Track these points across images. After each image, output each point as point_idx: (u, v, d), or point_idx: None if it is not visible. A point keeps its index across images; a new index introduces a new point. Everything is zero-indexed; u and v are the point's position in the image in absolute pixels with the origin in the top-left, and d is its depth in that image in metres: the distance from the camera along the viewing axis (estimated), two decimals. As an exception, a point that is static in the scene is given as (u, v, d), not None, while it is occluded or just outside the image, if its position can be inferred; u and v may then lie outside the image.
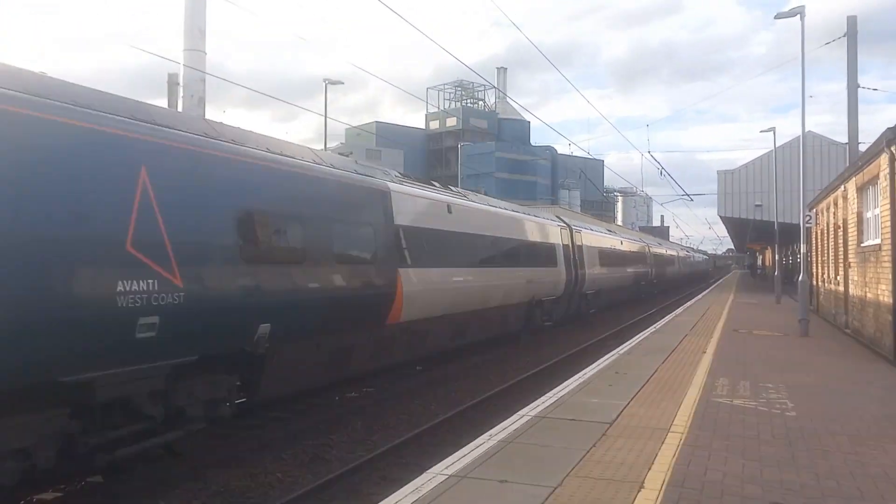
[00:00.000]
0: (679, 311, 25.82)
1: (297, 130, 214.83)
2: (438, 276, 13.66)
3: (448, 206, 14.90)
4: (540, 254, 20.57)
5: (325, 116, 33.37)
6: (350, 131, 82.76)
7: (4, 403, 5.94)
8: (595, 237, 28.41)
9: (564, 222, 24.64)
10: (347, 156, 14.35)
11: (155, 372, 7.22)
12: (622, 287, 33.40)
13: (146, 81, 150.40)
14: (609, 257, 29.89)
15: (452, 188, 17.73)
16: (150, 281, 6.91)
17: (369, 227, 11.54)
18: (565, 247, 23.09)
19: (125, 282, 6.65)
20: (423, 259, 13.01)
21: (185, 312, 7.31)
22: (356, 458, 8.84)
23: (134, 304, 6.71)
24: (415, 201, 13.44)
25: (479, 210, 16.89)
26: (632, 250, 36.92)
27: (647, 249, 42.71)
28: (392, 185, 12.73)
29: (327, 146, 36.96)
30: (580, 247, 25.04)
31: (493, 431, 7.18)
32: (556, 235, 22.56)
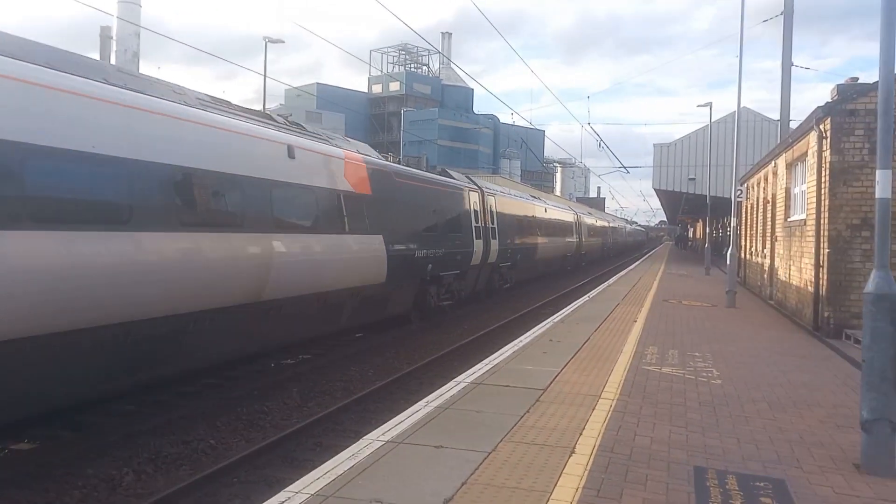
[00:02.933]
0: (612, 280, 26.39)
1: (236, 90, 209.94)
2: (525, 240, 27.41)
3: (545, 209, 31.28)
4: (565, 228, 35.86)
5: (265, 76, 32.64)
6: (290, 92, 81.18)
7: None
8: (590, 218, 46.45)
9: (574, 210, 41.73)
10: (287, 117, 14.59)
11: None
12: (597, 247, 49.45)
13: (77, 34, 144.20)
14: (592, 230, 45.86)
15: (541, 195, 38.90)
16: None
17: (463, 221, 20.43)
18: (574, 223, 38.78)
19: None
20: (510, 232, 24.28)
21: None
22: (291, 424, 8.82)
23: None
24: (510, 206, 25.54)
25: (555, 208, 35.14)
26: (599, 224, 53.04)
27: (608, 223, 60.25)
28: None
29: (266, 107, 36.14)
30: (582, 224, 41.20)
31: (429, 398, 7.25)
32: (571, 217, 38.00)
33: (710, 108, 34.84)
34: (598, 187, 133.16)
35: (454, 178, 20.12)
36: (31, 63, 6.98)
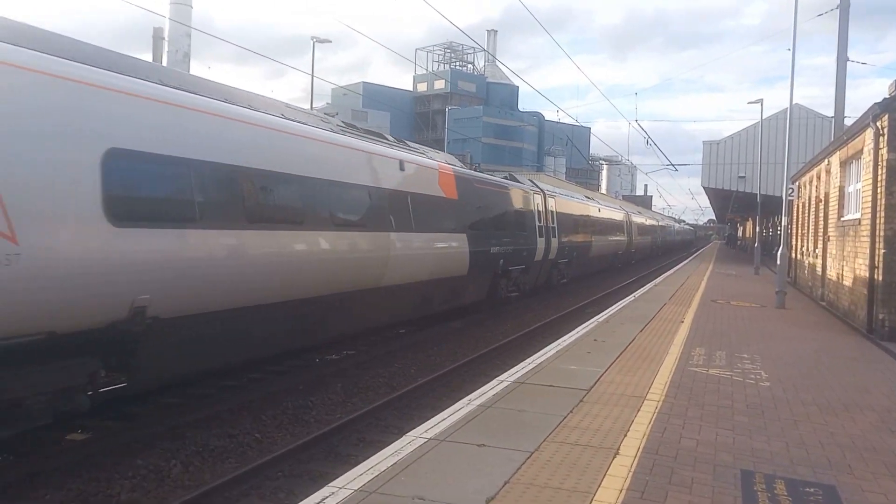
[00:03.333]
0: (659, 279, 26.03)
1: (284, 89, 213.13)
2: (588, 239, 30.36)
3: (598, 209, 32.99)
4: (617, 227, 38.15)
5: (312, 75, 33.00)
6: (336, 91, 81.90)
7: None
8: (639, 217, 49.56)
9: (625, 210, 44.35)
10: (334, 115, 15.19)
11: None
12: (646, 245, 52.46)
13: (132, 35, 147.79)
14: (641, 228, 48.88)
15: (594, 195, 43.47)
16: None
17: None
18: (625, 222, 41.14)
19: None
20: (567, 231, 25.80)
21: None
22: (335, 419, 8.91)
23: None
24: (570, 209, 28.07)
25: (608, 208, 36.92)
26: (648, 223, 55.68)
27: (657, 222, 63.77)
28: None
29: (313, 105, 36.57)
30: (632, 223, 43.46)
31: (472, 396, 7.25)
32: (622, 216, 40.45)
33: (762, 105, 34.13)
34: (645, 185, 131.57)
35: (519, 182, 22.30)
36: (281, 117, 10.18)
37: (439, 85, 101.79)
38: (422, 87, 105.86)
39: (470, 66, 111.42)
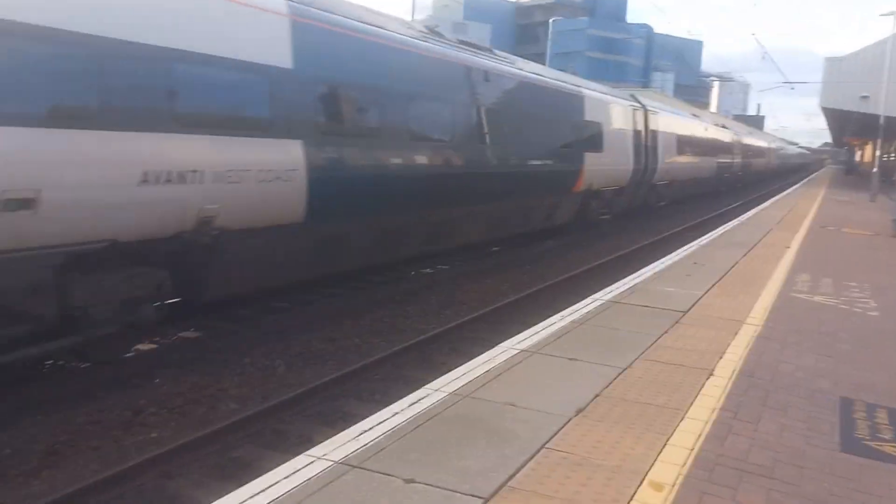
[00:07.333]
0: (767, 203, 24.98)
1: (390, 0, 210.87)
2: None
3: (753, 141, 52.84)
4: (763, 152, 55.50)
5: (412, -13, 32.42)
6: (438, 2, 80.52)
7: None
8: (775, 143, 64.76)
9: (767, 141, 61.29)
10: (435, 27, 14.86)
11: None
12: (774, 166, 65.20)
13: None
14: (778, 154, 66.07)
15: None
16: None
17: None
18: (767, 148, 59.30)
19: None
20: (745, 156, 46.27)
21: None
22: (430, 329, 9.17)
23: None
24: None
25: (758, 139, 57.23)
26: (781, 151, 71.19)
27: (784, 149, 77.10)
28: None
29: (414, 16, 36.13)
30: (772, 150, 61.98)
31: (564, 312, 7.28)
32: (765, 144, 58.92)
33: (895, 17, 31.32)
34: (759, 104, 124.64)
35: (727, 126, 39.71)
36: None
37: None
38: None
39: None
